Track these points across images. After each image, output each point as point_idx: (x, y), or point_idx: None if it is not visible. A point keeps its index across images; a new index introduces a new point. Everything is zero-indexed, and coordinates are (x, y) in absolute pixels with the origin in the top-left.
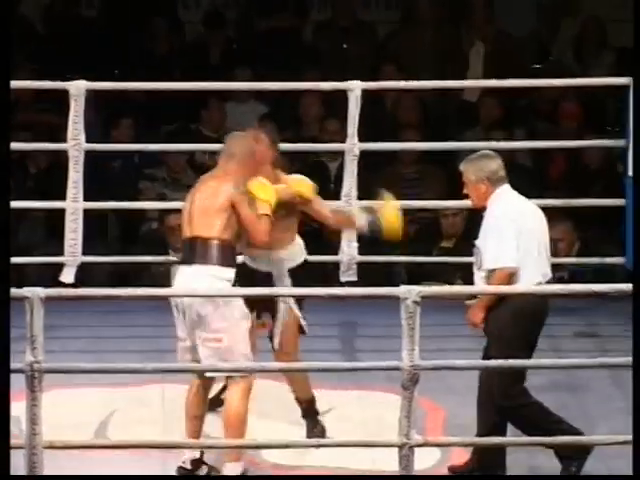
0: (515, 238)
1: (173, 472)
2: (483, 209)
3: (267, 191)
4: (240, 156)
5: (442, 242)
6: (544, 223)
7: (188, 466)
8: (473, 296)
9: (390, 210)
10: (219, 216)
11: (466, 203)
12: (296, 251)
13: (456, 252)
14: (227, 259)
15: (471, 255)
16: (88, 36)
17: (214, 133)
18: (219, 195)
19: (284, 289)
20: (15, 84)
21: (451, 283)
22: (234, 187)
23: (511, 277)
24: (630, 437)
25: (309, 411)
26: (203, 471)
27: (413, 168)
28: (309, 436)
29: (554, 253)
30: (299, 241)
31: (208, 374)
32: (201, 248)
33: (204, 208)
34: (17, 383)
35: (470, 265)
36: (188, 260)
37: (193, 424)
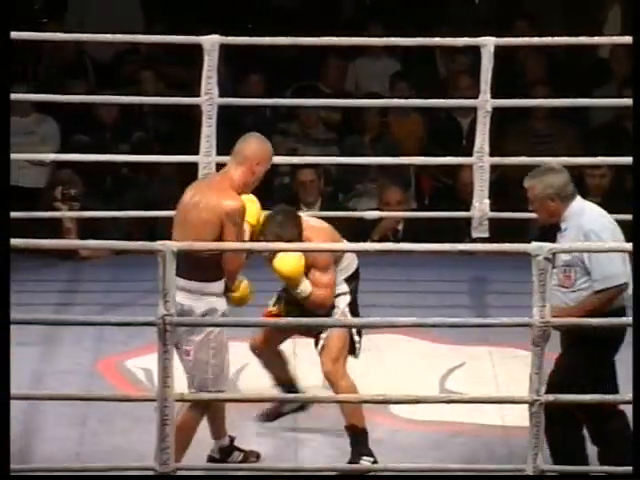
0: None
1: (304, 425)
2: (554, 224)
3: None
4: (247, 159)
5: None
6: (618, 231)
7: (217, 455)
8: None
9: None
10: (207, 231)
11: (607, 160)
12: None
13: None
14: (213, 274)
15: (618, 212)
16: None
17: (331, 90)
18: (212, 210)
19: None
20: (150, 39)
21: None
22: (228, 209)
23: (621, 294)
24: None
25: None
26: (236, 457)
27: (544, 124)
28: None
29: None
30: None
31: None
32: (187, 262)
33: (193, 221)
34: (149, 336)
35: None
36: (178, 272)
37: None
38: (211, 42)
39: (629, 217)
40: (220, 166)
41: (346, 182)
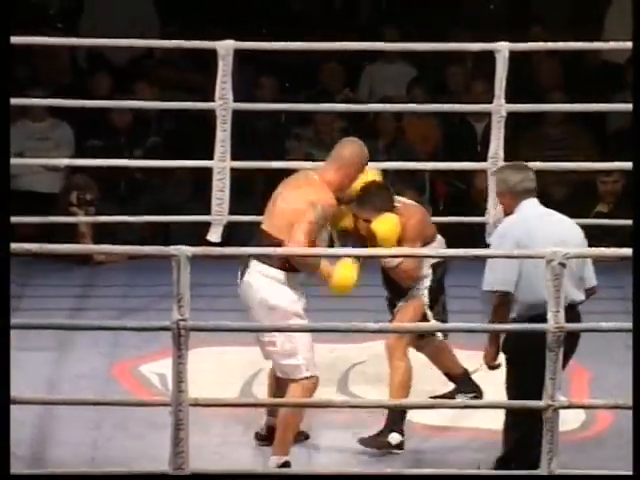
0: (517, 260)
1: (318, 431)
2: None
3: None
4: (345, 162)
5: (598, 206)
6: (575, 240)
7: (264, 432)
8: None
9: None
10: (293, 220)
11: (622, 165)
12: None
13: (612, 218)
14: (282, 262)
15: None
16: None
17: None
18: (303, 201)
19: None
20: (164, 43)
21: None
22: (315, 203)
23: (504, 302)
24: None
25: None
26: None
27: (559, 129)
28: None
29: None
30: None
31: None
32: (268, 247)
33: (284, 209)
34: (164, 341)
35: (623, 230)
36: (255, 254)
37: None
38: (225, 47)
39: None
40: (235, 171)
41: None
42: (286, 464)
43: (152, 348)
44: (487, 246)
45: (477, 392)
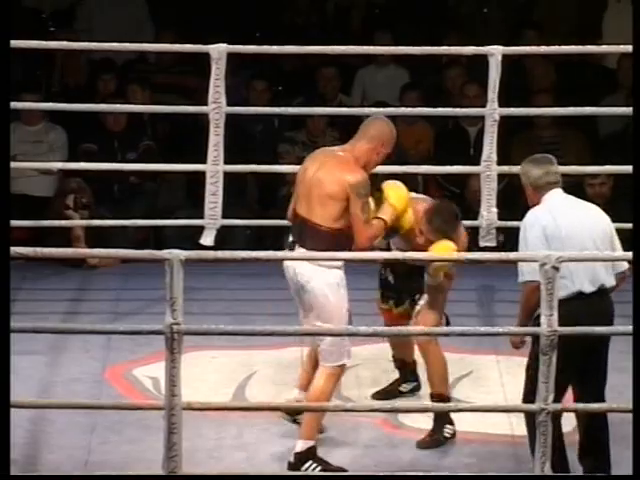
0: (543, 248)
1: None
2: None
3: (400, 197)
4: (374, 138)
5: None
6: (599, 227)
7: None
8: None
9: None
10: (333, 205)
11: (610, 169)
12: None
13: None
14: (337, 247)
15: (619, 220)
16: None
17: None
18: (337, 183)
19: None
20: (158, 47)
21: None
22: (353, 181)
23: (535, 291)
24: None
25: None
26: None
27: (551, 132)
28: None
29: None
30: None
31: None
32: (311, 233)
33: (320, 193)
34: (157, 344)
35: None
36: (299, 241)
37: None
38: (218, 51)
39: (629, 226)
40: (228, 175)
41: None
42: (311, 450)
43: (145, 352)
44: (481, 249)
45: (418, 383)
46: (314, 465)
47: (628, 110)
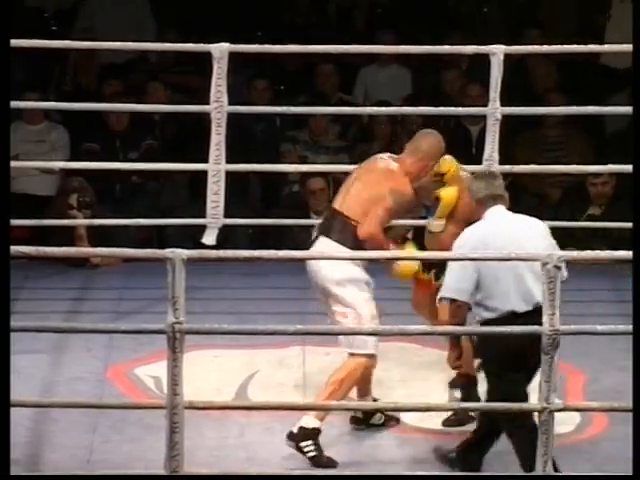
0: (473, 268)
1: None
2: None
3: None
4: (426, 155)
5: (589, 209)
6: (539, 246)
7: (360, 415)
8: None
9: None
10: (367, 204)
11: (612, 168)
12: None
13: (603, 220)
14: (354, 240)
15: (621, 220)
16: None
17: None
18: (379, 186)
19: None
20: (160, 46)
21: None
22: (395, 187)
23: (456, 309)
24: None
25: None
26: (378, 419)
27: (555, 132)
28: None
29: None
30: None
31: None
32: (341, 226)
33: (359, 191)
34: (159, 343)
35: (614, 232)
36: (325, 231)
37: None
38: (220, 50)
39: (630, 225)
40: (230, 174)
41: None
42: (315, 431)
43: (147, 351)
44: None
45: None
46: (311, 448)
47: (630, 109)
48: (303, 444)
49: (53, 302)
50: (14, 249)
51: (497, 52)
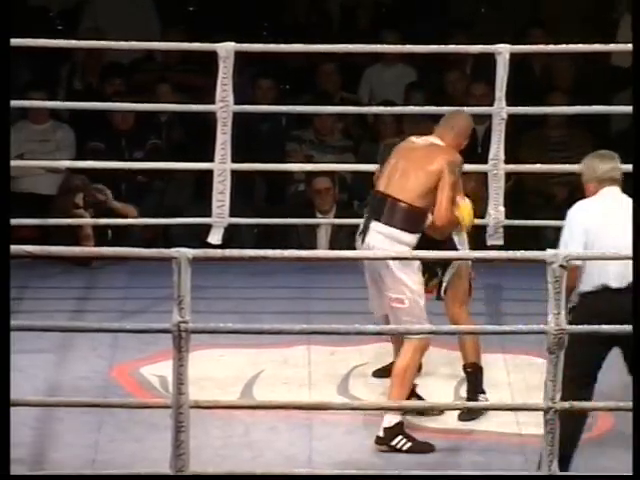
0: (581, 237)
1: (318, 433)
2: None
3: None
4: (457, 131)
5: None
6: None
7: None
8: None
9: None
10: (420, 182)
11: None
12: None
13: None
14: (412, 225)
15: None
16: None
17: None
18: (435, 159)
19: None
20: (165, 46)
21: None
22: (451, 158)
23: (573, 272)
24: None
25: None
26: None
27: (560, 131)
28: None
29: None
30: None
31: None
32: (390, 208)
33: (407, 170)
34: (164, 343)
35: None
36: (374, 215)
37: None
38: (226, 49)
39: None
40: (235, 173)
41: (361, 190)
42: (400, 425)
43: (152, 350)
44: (488, 248)
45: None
46: (404, 440)
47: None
48: (394, 442)
49: (58, 301)
50: (19, 248)
51: (503, 51)
